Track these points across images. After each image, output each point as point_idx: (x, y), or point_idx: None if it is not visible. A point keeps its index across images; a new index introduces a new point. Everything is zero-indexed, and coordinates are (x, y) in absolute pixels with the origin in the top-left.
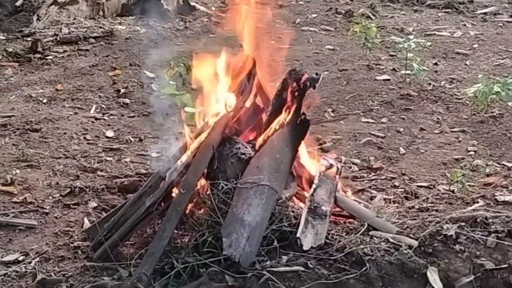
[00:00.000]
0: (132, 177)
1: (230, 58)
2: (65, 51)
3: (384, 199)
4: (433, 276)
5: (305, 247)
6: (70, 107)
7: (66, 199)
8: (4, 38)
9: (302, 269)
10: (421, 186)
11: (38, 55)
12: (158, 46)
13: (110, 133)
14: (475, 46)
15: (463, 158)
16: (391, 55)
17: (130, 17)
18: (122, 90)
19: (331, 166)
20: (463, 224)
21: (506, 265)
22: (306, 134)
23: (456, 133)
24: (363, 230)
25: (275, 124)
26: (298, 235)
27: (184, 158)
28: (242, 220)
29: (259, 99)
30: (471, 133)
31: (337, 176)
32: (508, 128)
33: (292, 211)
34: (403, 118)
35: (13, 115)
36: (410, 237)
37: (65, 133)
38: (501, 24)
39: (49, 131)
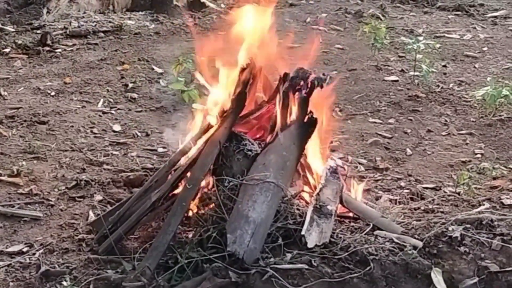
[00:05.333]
0: (138, 172)
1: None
2: (74, 45)
3: (390, 199)
4: (437, 277)
5: (310, 245)
6: (78, 100)
7: (72, 191)
8: (13, 30)
9: (306, 267)
10: (427, 188)
11: (47, 48)
12: (167, 41)
13: (117, 127)
14: (484, 49)
15: (470, 161)
16: (400, 56)
17: (140, 12)
18: (130, 85)
19: (337, 167)
20: (468, 226)
21: (510, 268)
22: (313, 132)
23: (463, 136)
24: (368, 229)
25: (282, 122)
26: (303, 232)
27: (191, 154)
28: (247, 217)
29: (266, 96)
30: (478, 136)
31: (344, 176)
32: None
33: (297, 209)
34: (411, 119)
35: (21, 107)
36: (415, 238)
37: (72, 126)
38: (511, 28)
39: (56, 123)
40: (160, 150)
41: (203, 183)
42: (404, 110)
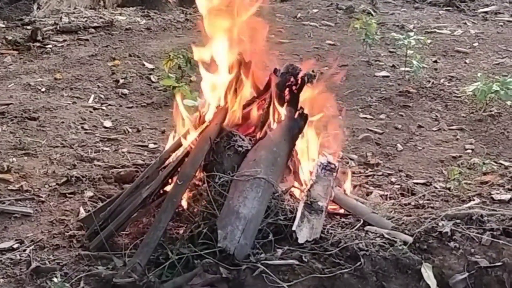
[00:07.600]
0: (129, 168)
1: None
2: (64, 40)
3: (381, 195)
4: (427, 272)
5: (300, 240)
6: (69, 96)
7: (62, 188)
8: (4, 26)
9: (297, 262)
10: (417, 183)
11: (38, 44)
12: (158, 37)
13: (108, 123)
14: (475, 44)
15: (460, 156)
16: (390, 52)
17: (131, 8)
18: (121, 81)
19: (329, 163)
20: (458, 221)
21: (500, 263)
22: (304, 128)
23: (454, 131)
24: (358, 225)
25: (272, 118)
26: (293, 228)
27: (182, 149)
28: (237, 213)
29: (256, 92)
30: (469, 131)
31: (334, 173)
32: (506, 127)
33: (288, 205)
34: (402, 115)
35: (11, 103)
36: (405, 233)
37: (62, 122)
38: (501, 23)
39: (47, 119)
40: (151, 146)
41: (194, 179)
42: (395, 105)
